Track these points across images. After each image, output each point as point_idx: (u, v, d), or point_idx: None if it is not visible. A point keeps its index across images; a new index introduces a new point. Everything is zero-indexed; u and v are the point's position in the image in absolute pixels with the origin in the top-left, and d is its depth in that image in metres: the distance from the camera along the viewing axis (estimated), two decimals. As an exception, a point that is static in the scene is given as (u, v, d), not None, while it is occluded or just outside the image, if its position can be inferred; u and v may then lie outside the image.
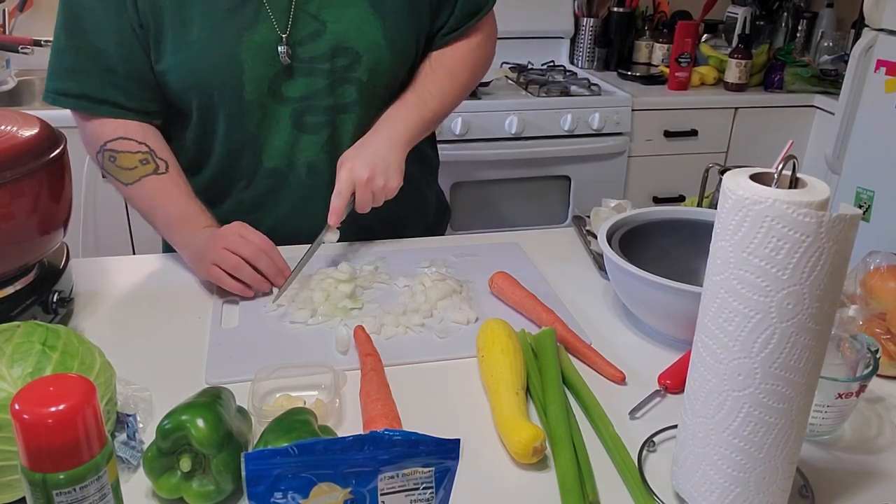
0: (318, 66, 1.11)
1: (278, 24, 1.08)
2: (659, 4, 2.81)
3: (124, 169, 1.10)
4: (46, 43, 2.17)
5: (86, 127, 1.12)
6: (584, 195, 2.44)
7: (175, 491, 0.66)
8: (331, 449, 0.50)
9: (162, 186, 1.11)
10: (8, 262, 0.87)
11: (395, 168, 1.11)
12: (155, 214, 1.12)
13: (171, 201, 1.11)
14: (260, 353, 0.91)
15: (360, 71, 1.13)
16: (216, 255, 1.03)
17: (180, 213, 1.11)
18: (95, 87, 1.08)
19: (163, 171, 1.11)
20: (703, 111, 2.51)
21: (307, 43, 1.10)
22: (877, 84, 2.21)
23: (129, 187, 1.11)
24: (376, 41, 1.12)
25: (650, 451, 0.76)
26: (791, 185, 0.58)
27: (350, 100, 1.14)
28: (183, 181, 1.13)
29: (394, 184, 1.10)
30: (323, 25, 1.10)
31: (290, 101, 1.12)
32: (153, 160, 1.10)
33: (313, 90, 1.12)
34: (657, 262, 0.94)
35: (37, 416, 0.50)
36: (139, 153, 1.10)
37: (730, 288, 0.59)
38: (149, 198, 1.12)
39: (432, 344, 0.94)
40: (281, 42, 1.08)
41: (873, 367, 0.76)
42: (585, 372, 0.88)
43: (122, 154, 1.09)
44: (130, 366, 0.86)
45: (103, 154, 1.10)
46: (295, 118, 1.13)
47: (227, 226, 1.07)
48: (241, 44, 1.06)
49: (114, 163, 1.10)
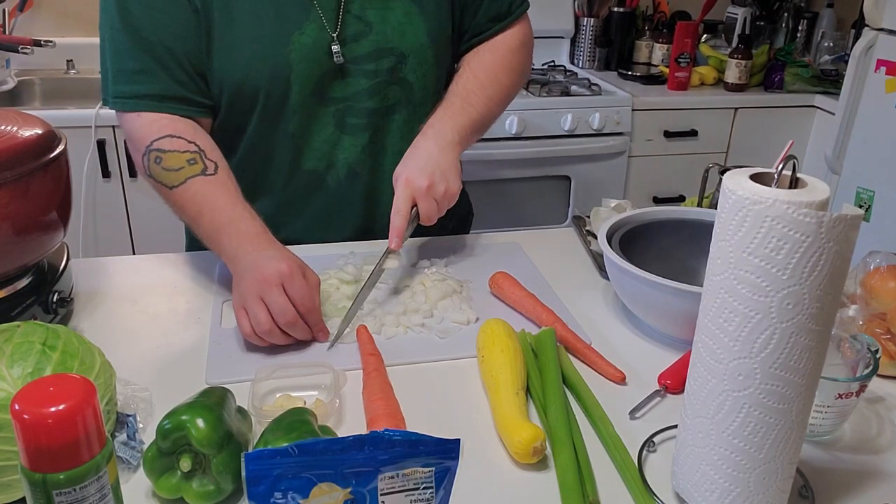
0: (362, 67, 1.10)
1: (329, 24, 1.07)
2: (659, 4, 2.82)
3: (169, 170, 1.01)
4: (46, 43, 2.18)
5: (134, 128, 1.04)
6: (584, 195, 2.44)
7: (175, 491, 0.66)
8: (331, 449, 0.50)
9: (209, 189, 1.01)
10: (8, 262, 0.87)
11: (452, 171, 1.05)
12: (201, 219, 1.00)
13: (220, 205, 1.00)
14: (260, 353, 0.91)
15: (405, 72, 1.12)
16: (250, 301, 0.89)
17: (229, 219, 0.99)
18: (165, 86, 1.03)
19: (211, 172, 1.01)
20: (703, 111, 2.51)
21: (352, 43, 1.09)
22: (877, 84, 2.21)
23: (173, 191, 1.01)
24: (421, 41, 1.11)
25: (650, 451, 0.76)
26: (791, 185, 0.58)
27: (396, 101, 1.14)
28: (233, 184, 1.03)
29: (455, 187, 1.05)
30: (368, 26, 1.09)
31: (334, 101, 1.11)
32: (202, 160, 1.01)
33: (356, 91, 1.11)
34: (657, 262, 0.94)
35: (37, 416, 0.50)
36: (188, 153, 1.01)
37: (730, 288, 0.59)
38: (195, 201, 1.00)
39: (432, 344, 0.94)
40: (334, 42, 1.07)
41: (873, 367, 0.76)
42: (585, 372, 0.88)
43: (170, 153, 1.01)
44: (130, 366, 0.86)
45: (148, 156, 1.02)
46: (338, 119, 1.12)
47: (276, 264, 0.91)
48: (290, 44, 1.05)
49: (159, 164, 1.01)
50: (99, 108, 1.99)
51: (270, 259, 0.92)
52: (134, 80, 1.03)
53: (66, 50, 2.36)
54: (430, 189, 1.02)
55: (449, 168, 1.05)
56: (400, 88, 1.13)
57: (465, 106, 1.13)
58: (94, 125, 1.99)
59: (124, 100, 1.04)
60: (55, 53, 2.27)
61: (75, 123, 1.95)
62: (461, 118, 1.12)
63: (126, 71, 1.04)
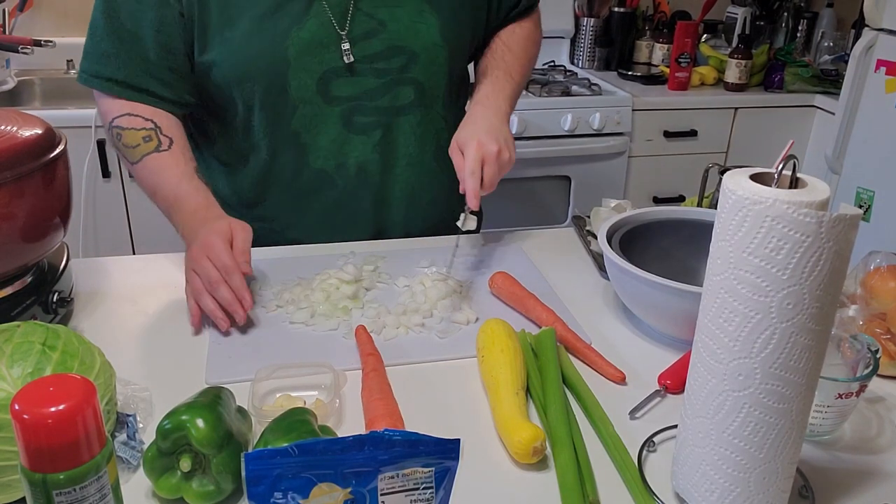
0: (372, 66, 1.10)
1: (336, 21, 1.07)
2: (659, 4, 2.81)
3: (128, 147, 1.07)
4: (46, 43, 2.18)
5: (100, 104, 1.10)
6: (584, 195, 2.44)
7: (175, 491, 0.66)
8: (331, 449, 0.50)
9: (161, 165, 1.06)
10: (8, 262, 0.87)
11: (511, 140, 1.09)
12: (156, 198, 1.07)
13: (168, 183, 1.05)
14: (260, 353, 0.91)
15: (415, 71, 1.12)
16: (188, 273, 0.97)
17: (176, 198, 1.04)
18: (129, 73, 1.06)
19: (165, 147, 1.06)
20: (703, 111, 2.51)
21: (362, 41, 1.09)
22: (877, 84, 2.21)
23: (134, 167, 1.08)
24: (433, 40, 1.12)
25: (650, 451, 0.76)
26: (791, 185, 0.58)
27: (408, 101, 1.14)
28: (184, 158, 1.07)
29: (514, 156, 1.08)
30: (380, 24, 1.09)
31: (340, 100, 1.11)
32: (157, 137, 1.06)
33: (364, 90, 1.11)
34: (657, 262, 0.94)
35: (37, 416, 0.50)
36: (143, 129, 1.06)
37: (730, 288, 0.59)
38: (150, 179, 1.06)
39: (432, 344, 0.94)
40: (343, 40, 1.07)
41: (873, 367, 0.76)
42: (585, 372, 0.88)
43: (127, 131, 1.06)
44: (130, 366, 0.86)
45: (111, 132, 1.08)
46: (345, 118, 1.12)
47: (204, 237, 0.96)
48: (288, 39, 1.05)
49: (119, 140, 1.07)
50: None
51: (202, 233, 0.97)
52: (101, 61, 1.07)
53: (66, 50, 2.36)
54: (499, 154, 1.05)
55: (510, 138, 1.09)
56: (410, 88, 1.13)
57: (507, 78, 1.18)
58: (94, 125, 1.98)
59: (90, 77, 1.08)
60: (55, 53, 2.27)
61: (75, 123, 1.95)
62: (508, 89, 1.17)
63: (97, 52, 1.07)
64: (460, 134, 1.08)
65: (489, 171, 1.04)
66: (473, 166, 1.02)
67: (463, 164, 1.04)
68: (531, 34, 1.28)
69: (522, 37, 1.26)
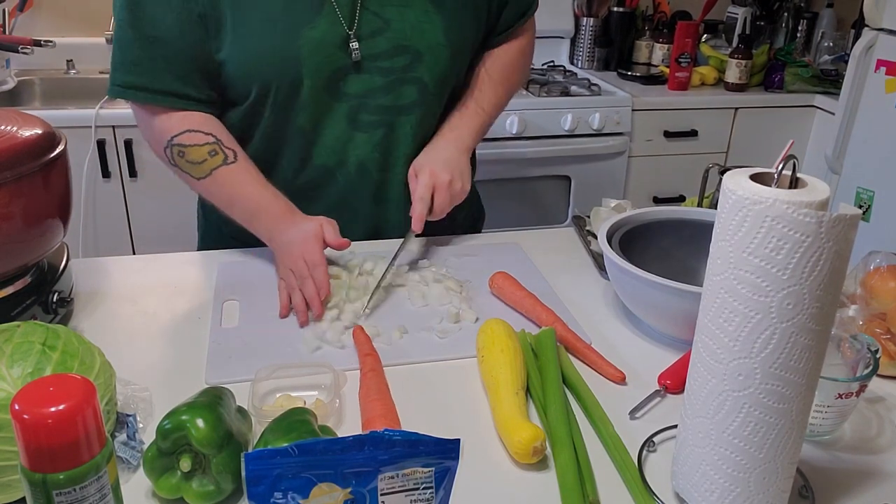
0: (377, 65, 1.11)
1: (345, 20, 1.08)
2: (659, 4, 2.81)
3: (194, 163, 1.08)
4: (46, 43, 2.18)
5: (151, 123, 1.10)
6: (584, 195, 2.44)
7: (175, 491, 0.66)
8: (331, 449, 0.50)
9: (234, 178, 1.09)
10: (8, 262, 0.87)
11: (468, 174, 1.16)
12: (233, 209, 1.11)
13: (247, 193, 1.09)
14: (260, 353, 0.91)
15: (420, 71, 1.13)
16: (282, 271, 1.04)
17: (258, 206, 1.09)
18: (160, 78, 1.07)
19: (232, 160, 1.09)
20: (703, 111, 2.51)
21: (368, 40, 1.10)
22: (877, 84, 2.21)
23: (201, 182, 1.09)
24: (437, 41, 1.13)
25: (650, 451, 0.76)
26: (791, 185, 0.58)
27: (410, 101, 1.15)
28: (253, 168, 1.11)
29: (468, 188, 1.15)
30: (386, 23, 1.10)
31: (347, 97, 1.12)
32: (221, 150, 1.08)
33: (371, 88, 1.12)
34: (657, 262, 0.94)
35: (37, 416, 0.50)
36: (207, 144, 1.08)
37: (730, 288, 0.59)
38: (223, 191, 1.10)
39: (432, 344, 0.94)
40: (350, 38, 1.08)
41: (873, 367, 0.76)
42: (585, 372, 0.88)
43: (191, 147, 1.07)
44: (130, 366, 0.86)
45: (171, 149, 1.08)
46: (351, 115, 1.13)
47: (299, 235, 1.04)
48: (300, 38, 1.06)
49: (183, 157, 1.08)
50: (99, 108, 1.99)
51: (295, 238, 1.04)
52: (132, 70, 1.07)
53: (66, 50, 2.36)
54: (450, 184, 1.11)
55: (465, 170, 1.15)
56: (414, 87, 1.14)
57: (478, 111, 1.22)
58: (94, 125, 1.99)
59: (123, 89, 1.08)
60: (55, 53, 2.27)
61: (75, 123, 1.95)
62: (475, 122, 1.21)
63: (126, 62, 1.07)
64: (418, 161, 1.15)
65: (439, 199, 1.11)
66: (423, 192, 1.10)
67: (415, 188, 1.11)
68: (517, 62, 1.28)
69: (505, 64, 1.26)
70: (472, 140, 1.20)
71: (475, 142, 1.21)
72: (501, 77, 1.25)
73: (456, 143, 1.17)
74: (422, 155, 1.16)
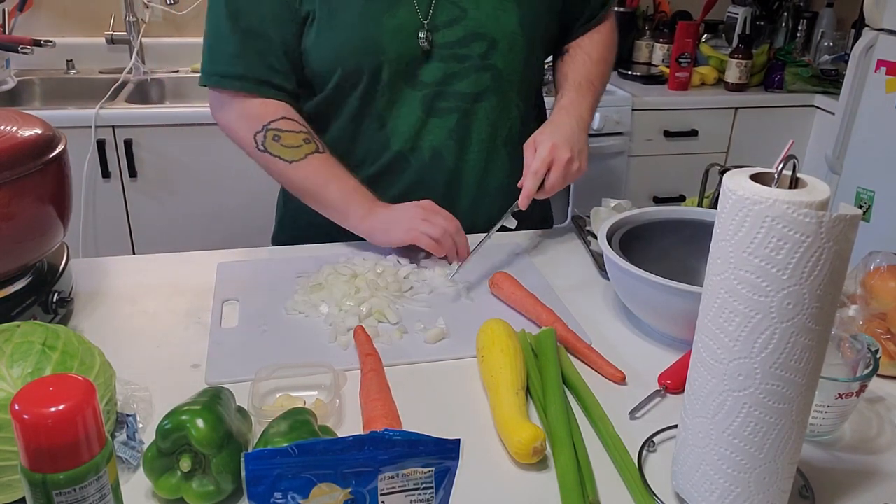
0: (454, 52, 1.13)
1: (420, 9, 1.10)
2: (659, 4, 2.81)
3: (290, 147, 1.13)
4: (46, 43, 2.18)
5: (243, 110, 1.15)
6: (584, 195, 2.43)
7: (175, 491, 0.66)
8: (331, 449, 0.50)
9: (328, 164, 1.15)
10: (8, 262, 0.87)
11: (586, 152, 1.12)
12: (327, 189, 1.15)
13: (342, 177, 1.14)
14: (260, 353, 0.91)
15: (495, 58, 1.15)
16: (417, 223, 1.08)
17: (355, 187, 1.14)
18: (257, 69, 1.12)
19: (322, 150, 1.15)
20: (703, 111, 2.51)
21: (445, 28, 1.12)
22: (877, 84, 2.21)
23: (293, 165, 1.14)
24: (512, 29, 1.14)
25: (650, 451, 0.76)
26: (791, 185, 0.58)
27: (486, 87, 1.16)
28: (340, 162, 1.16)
29: (584, 168, 1.12)
30: (463, 12, 1.12)
31: (424, 85, 1.14)
32: (314, 140, 1.15)
33: (447, 75, 1.14)
34: (657, 262, 0.94)
35: (37, 416, 0.50)
36: (302, 132, 1.14)
37: (730, 288, 0.59)
38: (317, 174, 1.15)
39: (432, 344, 0.94)
40: (422, 28, 1.11)
41: (873, 367, 0.76)
42: (585, 372, 0.88)
43: (287, 133, 1.13)
44: (130, 366, 0.86)
45: (266, 133, 1.13)
46: (427, 102, 1.15)
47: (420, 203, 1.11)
48: (382, 25, 1.09)
49: (278, 142, 1.13)
50: (99, 108, 1.99)
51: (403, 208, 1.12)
52: (229, 61, 1.13)
53: (66, 50, 2.36)
54: (569, 163, 1.09)
55: (585, 148, 1.13)
56: (489, 74, 1.16)
57: (589, 87, 1.22)
58: (94, 125, 1.99)
59: (220, 78, 1.14)
60: (55, 53, 2.28)
61: (75, 123, 1.95)
62: (590, 100, 1.21)
63: (225, 53, 1.13)
64: (539, 133, 1.11)
65: (553, 176, 1.07)
66: (538, 166, 1.06)
67: (531, 162, 1.08)
68: (607, 39, 1.31)
69: (601, 43, 1.29)
70: (590, 116, 1.19)
71: (591, 118, 1.20)
72: (600, 56, 1.27)
73: (577, 119, 1.15)
74: (543, 128, 1.13)
